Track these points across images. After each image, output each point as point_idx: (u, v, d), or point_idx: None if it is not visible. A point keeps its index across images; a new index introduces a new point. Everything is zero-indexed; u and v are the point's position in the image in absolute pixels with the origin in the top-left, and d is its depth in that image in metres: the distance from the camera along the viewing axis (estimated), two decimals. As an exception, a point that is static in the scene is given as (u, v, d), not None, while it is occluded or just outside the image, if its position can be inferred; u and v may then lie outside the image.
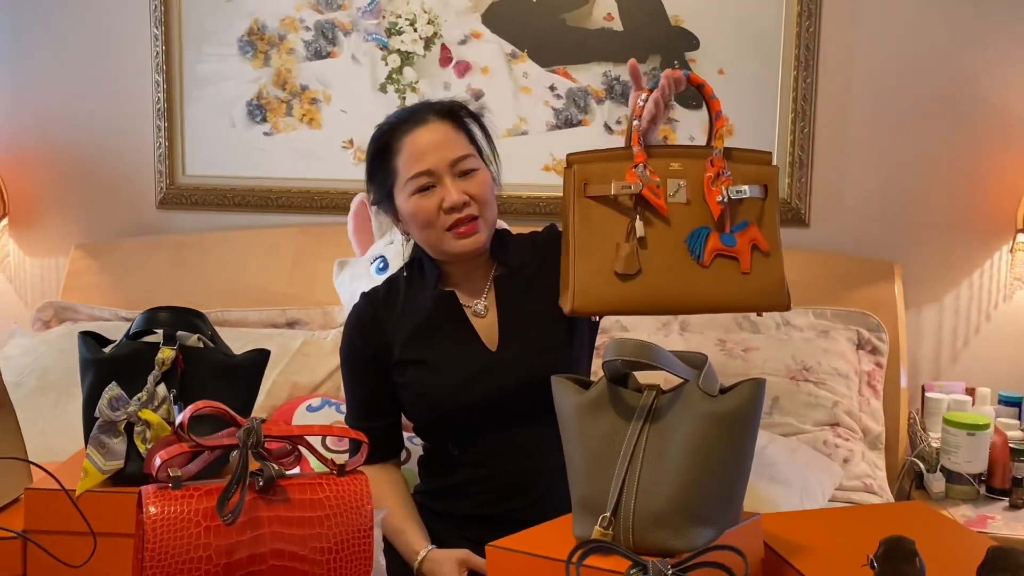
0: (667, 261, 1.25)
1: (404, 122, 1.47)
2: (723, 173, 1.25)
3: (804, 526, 1.25)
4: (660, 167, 1.26)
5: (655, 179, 1.25)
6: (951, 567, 0.99)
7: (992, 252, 2.38)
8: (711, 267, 1.25)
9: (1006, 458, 2.06)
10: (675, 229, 1.26)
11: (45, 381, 2.09)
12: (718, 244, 1.25)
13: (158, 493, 0.96)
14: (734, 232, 1.25)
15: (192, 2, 2.63)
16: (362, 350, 1.50)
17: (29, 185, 2.76)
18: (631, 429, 1.07)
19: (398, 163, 1.45)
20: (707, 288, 1.25)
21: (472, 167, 1.45)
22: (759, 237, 1.25)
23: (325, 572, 1.00)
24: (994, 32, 2.33)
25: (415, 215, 1.44)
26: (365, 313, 1.52)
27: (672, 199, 1.26)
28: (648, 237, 1.26)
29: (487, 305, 1.50)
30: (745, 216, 1.27)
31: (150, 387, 1.18)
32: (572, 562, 0.88)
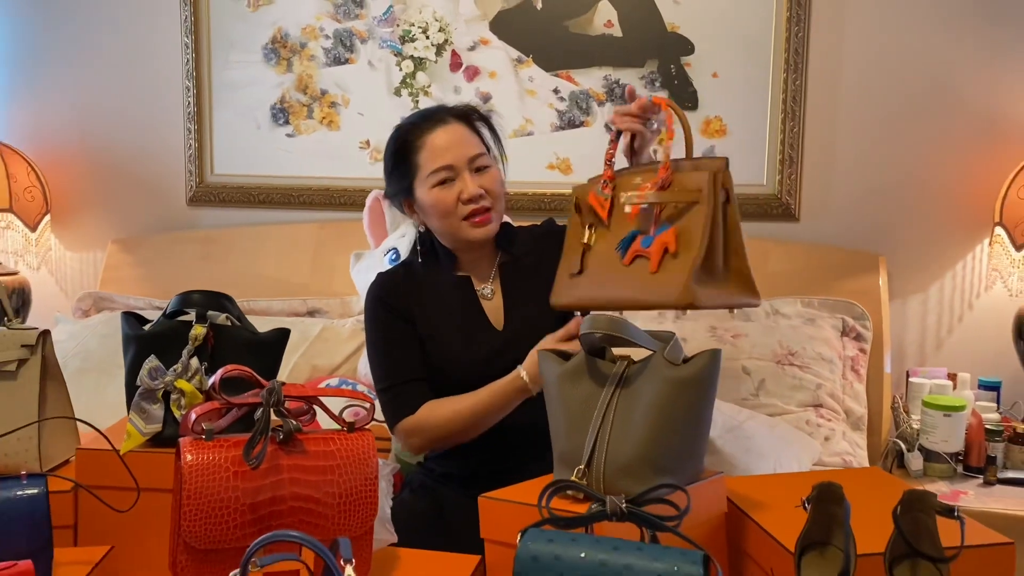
0: (604, 263, 1.39)
1: (424, 121, 1.63)
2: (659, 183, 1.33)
3: (766, 487, 1.39)
4: (625, 182, 1.41)
5: (607, 193, 1.41)
6: (877, 509, 1.12)
7: (974, 245, 2.49)
8: (632, 268, 1.35)
9: (981, 438, 2.18)
10: (618, 234, 1.39)
11: (87, 363, 2.27)
12: (638, 247, 1.34)
13: (194, 443, 1.12)
14: (655, 235, 1.32)
15: (220, 13, 2.79)
16: (390, 313, 1.63)
17: (69, 184, 2.93)
18: (604, 394, 1.22)
19: (419, 158, 1.60)
20: (625, 286, 1.35)
21: (486, 164, 1.62)
22: (670, 240, 1.30)
23: (336, 513, 1.15)
24: (973, 37, 2.44)
25: (436, 205, 1.59)
26: (387, 284, 1.66)
27: (625, 210, 1.38)
28: (595, 243, 1.42)
29: (493, 289, 1.65)
30: (671, 218, 1.33)
31: (184, 360, 1.34)
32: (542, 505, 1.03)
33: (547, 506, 1.03)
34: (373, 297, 1.67)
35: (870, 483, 1.39)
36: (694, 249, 1.29)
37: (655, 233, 1.32)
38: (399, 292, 1.65)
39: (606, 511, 1.00)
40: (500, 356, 1.59)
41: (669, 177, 1.33)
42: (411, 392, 1.61)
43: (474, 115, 1.66)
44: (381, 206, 2.41)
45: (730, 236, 1.34)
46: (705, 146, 2.58)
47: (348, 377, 2.24)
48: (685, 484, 1.20)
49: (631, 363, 1.25)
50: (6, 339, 1.42)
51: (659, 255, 1.31)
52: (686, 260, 1.29)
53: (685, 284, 1.27)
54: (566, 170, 2.67)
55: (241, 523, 1.11)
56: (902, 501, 1.05)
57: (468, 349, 1.61)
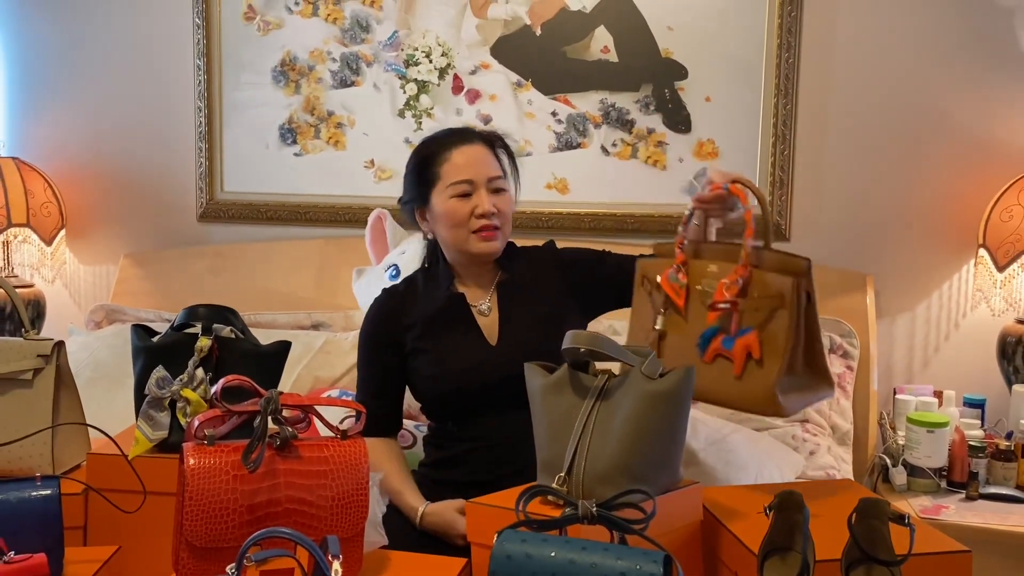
0: (681, 354, 1.38)
1: (452, 137, 1.74)
2: (738, 281, 1.32)
3: (742, 496, 1.45)
4: (699, 268, 1.40)
5: (682, 280, 1.40)
6: (837, 516, 1.19)
7: (960, 265, 2.55)
8: (712, 365, 1.34)
9: (964, 454, 2.23)
10: (695, 325, 1.38)
11: (98, 373, 2.35)
12: (719, 346, 1.33)
13: (196, 448, 1.20)
14: (737, 336, 1.31)
15: (231, 36, 2.89)
16: (379, 337, 1.74)
17: (83, 200, 3.03)
18: (584, 405, 1.30)
19: (443, 169, 1.70)
20: (706, 384, 1.34)
21: (503, 187, 1.71)
22: (754, 345, 1.29)
23: (329, 516, 1.23)
24: (959, 63, 2.51)
25: (450, 215, 1.68)
26: (385, 306, 1.76)
27: (701, 299, 1.37)
28: (670, 330, 1.42)
29: (490, 306, 1.73)
30: (753, 321, 1.31)
31: (190, 370, 1.42)
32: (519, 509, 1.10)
33: (524, 510, 1.10)
34: (371, 315, 1.77)
35: (841, 494, 1.45)
36: (778, 358, 1.27)
37: (736, 334, 1.31)
38: (395, 313, 1.74)
39: (578, 515, 1.07)
40: (489, 368, 1.66)
41: (749, 276, 1.32)
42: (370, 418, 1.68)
43: (498, 142, 1.76)
44: (383, 224, 2.49)
45: (811, 336, 1.32)
46: (697, 168, 2.66)
47: (349, 389, 2.31)
48: (660, 492, 1.27)
49: (611, 376, 1.32)
50: (23, 349, 1.50)
51: (743, 359, 1.30)
52: (771, 368, 1.27)
53: (770, 395, 1.27)
54: (563, 190, 2.75)
55: (239, 523, 1.18)
56: (857, 509, 1.11)
57: (460, 362, 1.69)
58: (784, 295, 1.29)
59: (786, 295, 1.28)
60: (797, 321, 1.28)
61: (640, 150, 2.69)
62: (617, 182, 2.70)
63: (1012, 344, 2.39)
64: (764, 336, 1.29)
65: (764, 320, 1.30)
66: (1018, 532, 2.00)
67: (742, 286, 1.31)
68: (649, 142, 2.68)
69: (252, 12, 2.88)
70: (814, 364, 1.33)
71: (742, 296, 1.32)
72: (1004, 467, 2.22)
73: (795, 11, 2.55)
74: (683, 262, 1.41)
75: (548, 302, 1.71)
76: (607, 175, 2.71)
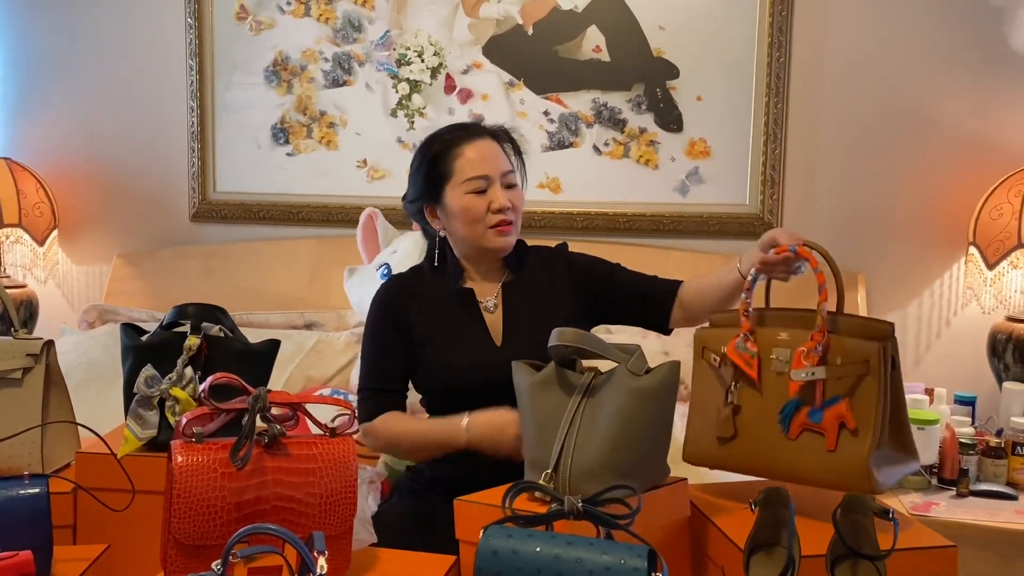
0: (760, 429, 1.29)
1: (461, 132, 1.72)
2: (816, 348, 1.22)
3: (730, 492, 1.45)
4: (768, 336, 1.30)
5: (752, 349, 1.30)
6: (822, 512, 1.19)
7: (950, 263, 2.57)
8: (799, 440, 1.25)
9: (955, 451, 2.23)
10: (772, 398, 1.28)
11: (91, 372, 2.35)
12: (804, 419, 1.24)
13: (184, 446, 1.20)
14: (824, 407, 1.22)
15: (223, 36, 2.89)
16: (389, 318, 1.71)
17: (76, 201, 3.03)
18: (571, 402, 1.30)
19: (456, 165, 1.67)
20: (793, 462, 1.26)
21: (515, 182, 1.71)
22: (847, 415, 1.21)
23: (317, 513, 1.22)
24: (948, 64, 2.52)
25: (467, 210, 1.66)
26: (393, 289, 1.74)
27: (774, 368, 1.28)
28: (744, 404, 1.32)
29: (496, 303, 1.72)
30: (840, 390, 1.23)
31: (179, 369, 1.42)
32: (506, 505, 1.10)
33: (510, 506, 1.11)
34: (378, 299, 1.74)
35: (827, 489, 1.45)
36: (870, 429, 1.21)
37: (823, 406, 1.23)
38: (403, 297, 1.72)
39: (564, 510, 1.07)
40: (493, 368, 1.64)
41: (827, 342, 1.24)
42: (380, 400, 1.69)
43: (505, 136, 1.74)
44: (374, 223, 2.50)
45: (897, 405, 1.26)
46: (689, 167, 2.67)
47: (341, 388, 2.31)
48: (647, 488, 1.27)
49: (597, 374, 1.33)
50: (12, 348, 1.50)
51: (835, 431, 1.22)
52: (864, 441, 1.20)
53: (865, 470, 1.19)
54: (556, 189, 2.75)
55: (227, 521, 1.18)
56: (841, 505, 1.12)
57: (464, 358, 1.67)
58: (870, 361, 1.21)
59: (872, 361, 1.21)
60: (885, 388, 1.21)
61: (632, 149, 2.69)
62: (609, 181, 2.71)
63: (1002, 341, 2.40)
64: (854, 405, 1.22)
65: (850, 387, 1.22)
66: (1007, 528, 2.01)
67: (822, 353, 1.23)
68: (641, 141, 2.68)
69: (244, 12, 2.88)
70: (900, 434, 1.26)
71: (822, 364, 1.24)
72: (994, 464, 2.22)
73: (786, 11, 2.56)
74: (750, 330, 1.32)
75: (554, 305, 1.70)
76: (599, 174, 2.72)
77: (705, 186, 2.66)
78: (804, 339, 1.26)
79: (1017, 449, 2.22)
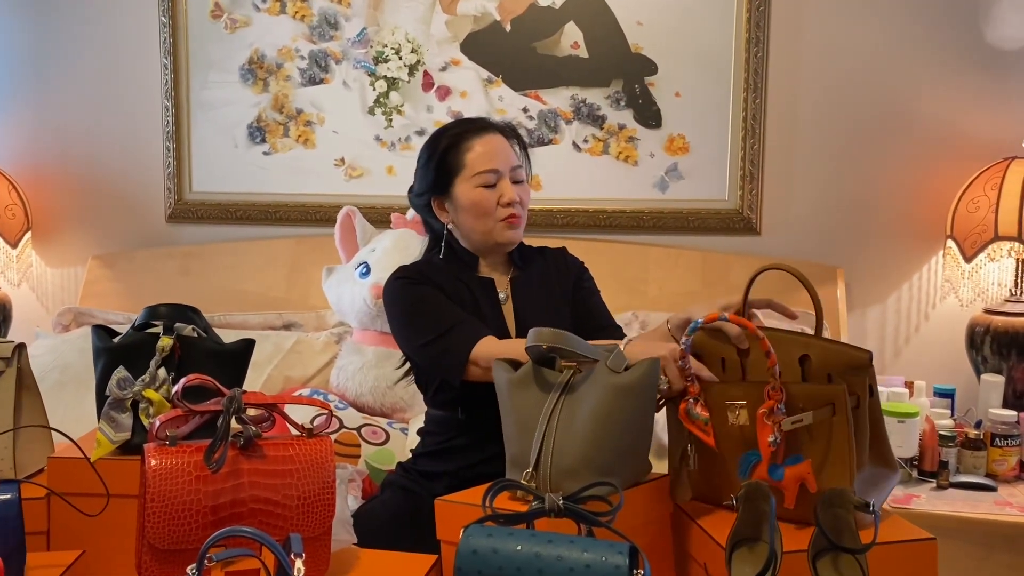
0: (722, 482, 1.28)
1: (471, 126, 1.72)
2: (777, 409, 1.20)
3: (711, 488, 1.45)
4: (722, 394, 1.27)
5: (704, 415, 1.27)
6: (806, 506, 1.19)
7: (929, 257, 2.58)
8: None
9: (934, 444, 2.25)
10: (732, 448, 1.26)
11: (66, 375, 2.32)
12: (765, 476, 1.20)
13: (157, 449, 1.18)
14: (785, 466, 1.20)
15: (198, 34, 2.86)
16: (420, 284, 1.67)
17: (50, 202, 2.99)
18: (549, 400, 1.29)
19: (467, 159, 1.68)
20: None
21: (523, 177, 1.72)
22: (808, 478, 1.18)
23: (294, 515, 1.21)
24: (926, 57, 2.53)
25: (479, 204, 1.67)
26: (411, 271, 1.70)
27: (733, 422, 1.26)
28: (702, 462, 1.30)
29: (507, 296, 1.73)
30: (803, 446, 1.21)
31: (152, 370, 1.39)
32: (486, 504, 1.09)
33: (491, 505, 1.10)
34: (397, 280, 1.69)
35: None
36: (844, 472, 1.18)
37: (784, 463, 1.21)
38: (428, 280, 1.69)
39: (545, 508, 1.06)
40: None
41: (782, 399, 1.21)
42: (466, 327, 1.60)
43: (511, 132, 1.75)
44: (352, 222, 2.48)
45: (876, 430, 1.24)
46: (668, 163, 2.66)
47: (320, 388, 2.29)
48: (628, 485, 1.26)
49: (576, 371, 1.32)
50: (-19, 352, 1.47)
51: (795, 491, 1.19)
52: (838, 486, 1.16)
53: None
54: (535, 186, 2.75)
55: (202, 524, 1.16)
56: (822, 499, 1.11)
57: None
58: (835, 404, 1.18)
59: (837, 404, 1.18)
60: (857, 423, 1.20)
61: (611, 145, 2.69)
62: (589, 178, 2.71)
63: (980, 334, 2.41)
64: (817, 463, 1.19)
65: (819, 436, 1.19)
66: (987, 520, 2.02)
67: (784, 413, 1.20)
68: (620, 137, 2.68)
69: (219, 10, 2.85)
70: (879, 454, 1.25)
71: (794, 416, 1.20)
72: (973, 455, 2.24)
73: (763, 6, 2.56)
74: (698, 393, 1.28)
75: (554, 304, 1.73)
76: (579, 171, 2.71)
77: (684, 182, 2.66)
78: (756, 396, 1.22)
79: (996, 440, 2.24)
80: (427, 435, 1.78)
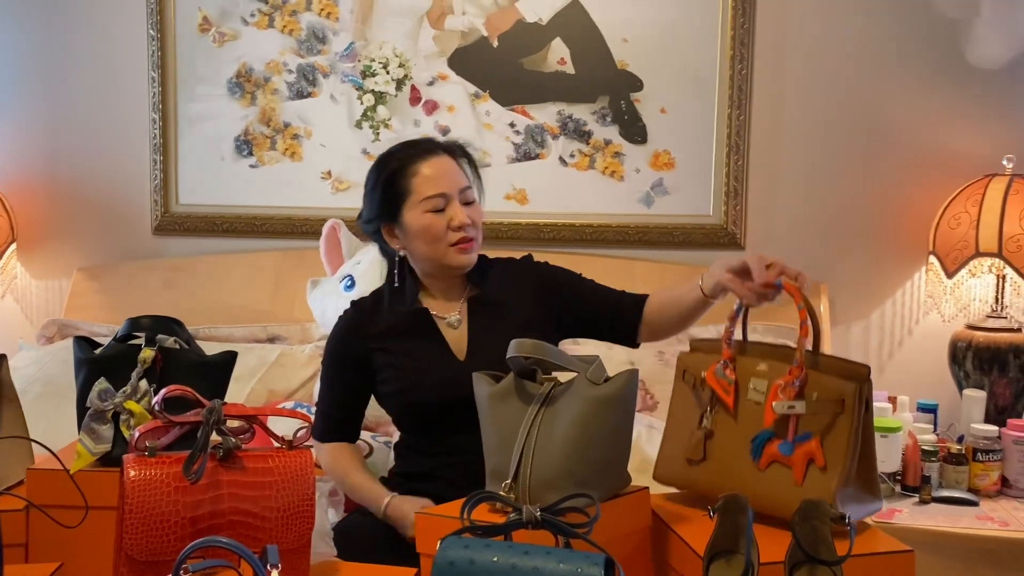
0: (730, 456, 1.31)
1: (415, 149, 1.70)
2: (794, 383, 1.25)
3: (691, 501, 1.45)
4: (748, 366, 1.32)
5: (731, 377, 1.32)
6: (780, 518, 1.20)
7: (911, 272, 2.60)
8: (767, 471, 1.28)
9: (917, 458, 2.26)
10: (745, 426, 1.31)
11: (49, 388, 2.30)
12: (775, 451, 1.26)
13: (137, 460, 1.18)
14: (795, 442, 1.24)
15: (186, 48, 2.86)
16: (344, 353, 1.71)
17: (36, 213, 2.98)
18: (529, 412, 1.29)
19: (412, 184, 1.65)
20: (760, 491, 1.27)
21: (473, 198, 1.70)
22: (817, 453, 1.23)
23: (274, 527, 1.21)
24: (907, 74, 2.57)
25: (427, 229, 1.65)
26: (351, 321, 1.73)
27: (751, 398, 1.31)
28: (717, 430, 1.34)
29: (460, 319, 1.70)
30: (812, 427, 1.25)
31: (134, 382, 1.39)
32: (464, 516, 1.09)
33: (469, 516, 1.10)
34: (338, 329, 1.74)
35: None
36: (839, 466, 1.23)
37: (794, 440, 1.25)
38: (361, 328, 1.71)
39: (522, 520, 1.07)
40: (458, 384, 1.60)
41: (804, 378, 1.26)
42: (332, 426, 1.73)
43: (460, 151, 1.73)
44: (337, 234, 2.48)
45: (866, 446, 1.27)
46: (654, 178, 2.68)
47: (304, 401, 2.29)
48: (607, 497, 1.27)
49: (557, 383, 1.32)
50: (-38, 363, 1.46)
51: (803, 467, 1.24)
52: (831, 477, 1.22)
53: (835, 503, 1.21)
54: (522, 200, 2.76)
55: (181, 536, 1.16)
56: (799, 511, 1.12)
57: (426, 377, 1.66)
58: (845, 400, 1.23)
59: (847, 400, 1.23)
60: (857, 428, 1.24)
61: (597, 160, 2.71)
62: (575, 192, 2.72)
63: (962, 349, 2.43)
64: (825, 444, 1.24)
65: (823, 425, 1.24)
66: (968, 534, 2.03)
67: (799, 388, 1.25)
68: (606, 153, 2.70)
69: (207, 24, 2.86)
70: (867, 475, 1.28)
71: (799, 399, 1.26)
72: (956, 470, 2.25)
73: (747, 23, 2.59)
74: (730, 358, 1.34)
75: (521, 316, 1.68)
76: (565, 185, 2.73)
77: (669, 197, 2.68)
78: (782, 372, 1.28)
79: (977, 456, 2.25)
80: (400, 454, 1.78)
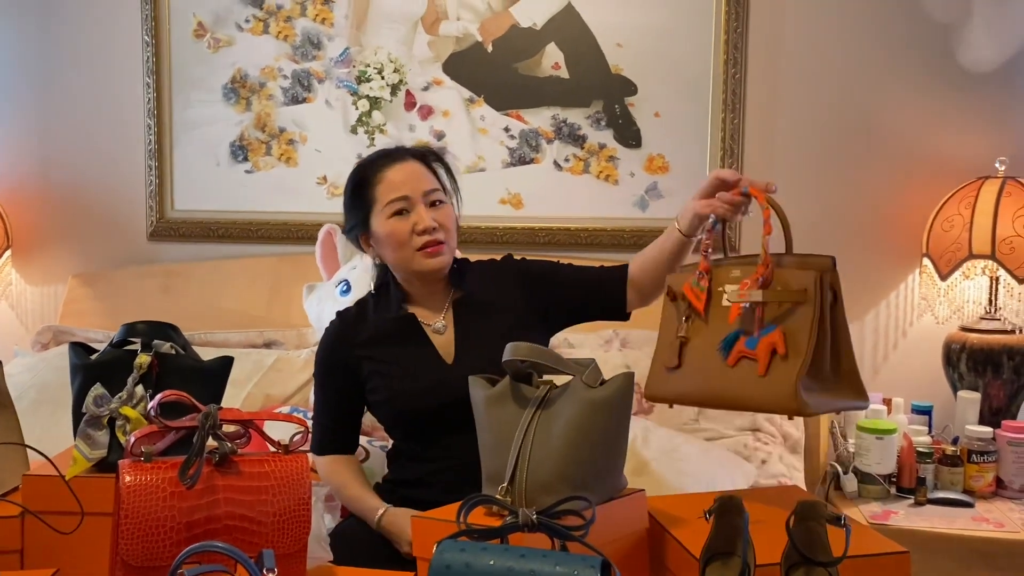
0: (704, 359, 1.35)
1: (382, 159, 1.71)
2: (759, 280, 1.28)
3: (688, 504, 1.45)
4: (722, 274, 1.37)
5: (703, 285, 1.36)
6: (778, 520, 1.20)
7: (905, 275, 2.61)
8: (736, 368, 1.30)
9: (912, 460, 2.27)
10: (717, 329, 1.34)
11: (44, 395, 2.30)
12: (742, 347, 1.29)
13: (132, 465, 1.18)
14: (761, 335, 1.27)
15: (181, 53, 2.87)
16: (333, 363, 1.72)
17: (31, 219, 2.98)
18: (525, 415, 1.30)
19: (377, 192, 1.67)
20: (731, 388, 1.30)
21: (440, 200, 1.68)
22: (779, 342, 1.25)
23: (271, 532, 1.21)
24: (901, 77, 2.58)
25: (391, 235, 1.65)
26: (338, 331, 1.74)
27: (723, 304, 1.34)
28: (692, 336, 1.38)
29: (446, 324, 1.70)
30: (776, 319, 1.27)
31: (129, 387, 1.38)
32: (460, 520, 1.09)
33: (465, 520, 1.10)
34: (325, 340, 1.75)
35: (782, 498, 1.46)
36: (801, 353, 1.25)
37: (759, 334, 1.28)
38: (347, 338, 1.71)
39: (518, 522, 1.07)
40: (447, 388, 1.62)
41: (770, 274, 1.29)
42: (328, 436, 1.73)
43: (430, 155, 1.73)
44: (333, 239, 2.48)
45: (839, 337, 1.29)
46: (648, 182, 2.69)
47: (300, 406, 2.29)
48: (603, 499, 1.27)
49: (553, 387, 1.32)
50: (-43, 369, 1.46)
51: (767, 358, 1.26)
52: (794, 365, 1.24)
53: (794, 392, 1.24)
54: (517, 205, 2.76)
55: (177, 541, 1.16)
56: (795, 512, 1.12)
57: (416, 383, 1.66)
58: (807, 289, 1.25)
59: (809, 289, 1.25)
60: (821, 316, 1.25)
61: (592, 165, 2.71)
62: (570, 197, 2.72)
63: (956, 351, 2.44)
64: (787, 332, 1.26)
65: (787, 316, 1.26)
66: (964, 536, 2.04)
67: (763, 284, 1.28)
68: (600, 157, 2.71)
69: (202, 29, 2.86)
70: (842, 366, 1.29)
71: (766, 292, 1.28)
72: (951, 472, 2.26)
73: (741, 27, 2.60)
74: (706, 269, 1.38)
75: (508, 317, 1.68)
76: (560, 190, 2.73)
77: (664, 201, 2.68)
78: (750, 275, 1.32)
79: (972, 457, 2.26)
80: (392, 461, 1.78)
